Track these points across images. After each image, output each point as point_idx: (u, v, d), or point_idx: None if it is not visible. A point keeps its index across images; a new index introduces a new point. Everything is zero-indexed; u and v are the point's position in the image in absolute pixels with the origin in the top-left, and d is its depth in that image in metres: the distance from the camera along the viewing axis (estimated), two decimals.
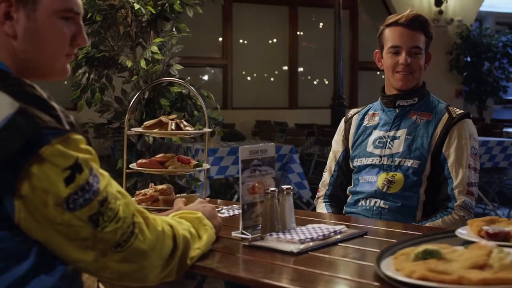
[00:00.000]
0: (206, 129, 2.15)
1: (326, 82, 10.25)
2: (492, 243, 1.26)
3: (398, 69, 2.29)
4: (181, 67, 4.00)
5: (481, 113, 10.79)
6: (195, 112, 4.01)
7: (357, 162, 2.36)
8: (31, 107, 1.11)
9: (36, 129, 1.09)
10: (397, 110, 2.34)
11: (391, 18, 2.33)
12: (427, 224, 2.12)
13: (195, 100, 3.99)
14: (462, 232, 1.50)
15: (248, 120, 9.27)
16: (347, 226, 1.82)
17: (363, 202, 2.30)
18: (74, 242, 1.16)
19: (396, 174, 2.25)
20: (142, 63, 3.53)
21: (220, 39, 9.51)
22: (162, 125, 2.05)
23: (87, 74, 3.70)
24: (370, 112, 2.43)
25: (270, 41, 10.03)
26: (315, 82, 10.40)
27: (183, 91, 3.80)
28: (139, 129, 2.07)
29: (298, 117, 9.27)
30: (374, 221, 2.14)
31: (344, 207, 2.39)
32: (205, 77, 9.72)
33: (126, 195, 1.26)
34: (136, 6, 3.53)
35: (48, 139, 1.10)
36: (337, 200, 2.45)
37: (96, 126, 3.93)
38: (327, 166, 2.50)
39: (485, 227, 1.44)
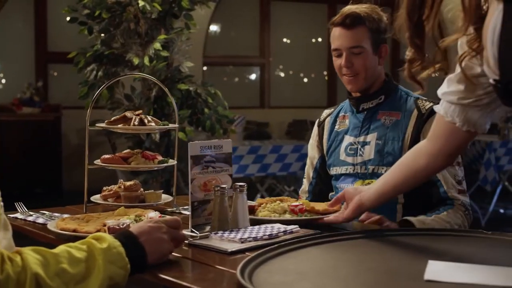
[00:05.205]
0: (175, 125, 2.11)
1: None
2: None
3: (342, 71, 2.16)
4: (191, 64, 3.98)
5: None
6: (206, 110, 3.99)
7: (333, 171, 2.23)
8: None
9: None
10: (365, 112, 2.18)
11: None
12: (432, 217, 1.97)
13: (206, 98, 3.97)
14: None
15: (285, 120, 9.18)
16: (301, 226, 1.75)
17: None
18: None
19: (372, 181, 2.09)
20: (146, 60, 3.53)
21: (258, 37, 9.47)
22: (126, 120, 2.02)
23: (95, 72, 3.73)
24: (341, 115, 2.27)
25: (308, 40, 9.91)
26: None
27: (191, 88, 3.78)
28: (102, 124, 2.05)
29: None
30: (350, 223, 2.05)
31: None
32: (243, 76, 9.70)
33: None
34: (141, 3, 3.53)
35: None
36: None
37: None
38: (306, 173, 2.35)
39: (109, 221, 1.54)
